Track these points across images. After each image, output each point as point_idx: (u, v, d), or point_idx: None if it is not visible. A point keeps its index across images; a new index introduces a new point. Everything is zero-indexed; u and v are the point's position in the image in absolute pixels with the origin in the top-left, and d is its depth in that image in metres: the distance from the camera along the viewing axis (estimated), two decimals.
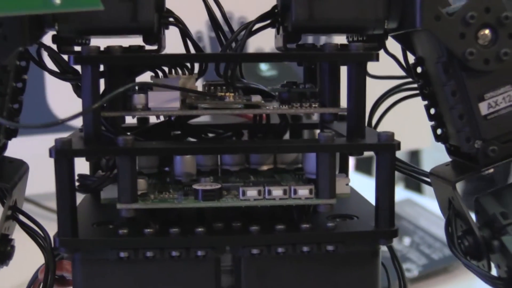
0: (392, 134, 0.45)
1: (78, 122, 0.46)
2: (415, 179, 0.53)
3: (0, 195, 0.48)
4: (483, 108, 0.46)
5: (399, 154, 0.47)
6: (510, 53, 0.45)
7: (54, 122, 0.40)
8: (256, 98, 0.47)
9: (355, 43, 0.45)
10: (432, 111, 0.50)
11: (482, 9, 0.45)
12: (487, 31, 0.45)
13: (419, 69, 0.50)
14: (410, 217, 1.21)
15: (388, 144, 0.45)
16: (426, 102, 0.51)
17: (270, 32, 0.52)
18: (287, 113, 0.49)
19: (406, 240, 1.16)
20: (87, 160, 0.46)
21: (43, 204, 1.06)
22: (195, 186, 0.45)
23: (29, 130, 0.99)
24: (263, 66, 0.74)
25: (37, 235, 0.48)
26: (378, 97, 0.56)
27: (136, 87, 0.47)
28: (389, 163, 0.45)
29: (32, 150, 0.60)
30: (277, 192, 0.45)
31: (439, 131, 0.51)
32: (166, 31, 0.50)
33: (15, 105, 0.47)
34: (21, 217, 0.49)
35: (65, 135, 0.45)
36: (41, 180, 0.66)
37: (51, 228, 0.45)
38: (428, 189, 0.52)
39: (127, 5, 0.45)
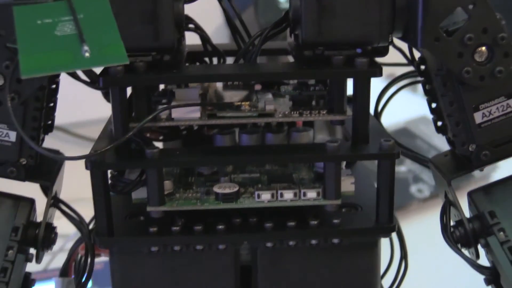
0: (393, 144, 0.49)
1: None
2: (418, 163, 0.58)
3: (43, 188, 0.55)
4: (478, 117, 0.50)
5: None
6: (504, 71, 0.49)
7: (89, 155, 0.46)
8: (270, 107, 0.51)
9: (360, 59, 0.49)
10: (433, 105, 0.55)
11: (480, 30, 0.48)
12: (483, 48, 0.49)
13: (422, 67, 0.54)
14: (424, 135, 1.24)
15: (389, 154, 0.49)
16: (427, 97, 0.55)
17: None
18: (298, 121, 0.53)
19: None
20: None
21: (73, 131, 1.13)
22: (216, 189, 0.51)
23: None
24: None
25: (75, 220, 0.54)
26: (386, 84, 0.59)
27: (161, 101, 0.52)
28: (390, 169, 0.50)
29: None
30: (288, 195, 0.50)
31: (439, 123, 0.55)
32: None
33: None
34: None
35: None
36: (69, 110, 0.72)
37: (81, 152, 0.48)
38: None
39: (148, 27, 0.49)
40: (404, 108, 1.07)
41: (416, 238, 0.70)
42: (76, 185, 0.65)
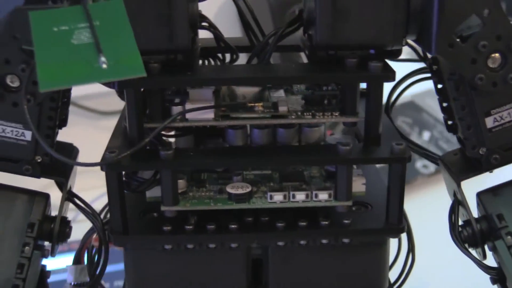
0: (404, 148, 0.50)
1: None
2: (428, 160, 0.59)
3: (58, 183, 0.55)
4: (489, 122, 0.51)
5: None
6: None
7: (99, 163, 0.46)
8: (283, 108, 0.52)
9: (374, 63, 0.49)
10: (444, 104, 0.55)
11: (494, 37, 0.48)
12: (497, 55, 0.49)
13: (434, 67, 0.54)
14: (431, 109, 1.24)
15: (400, 158, 0.50)
16: (439, 96, 0.55)
17: None
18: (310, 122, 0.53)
19: (426, 135, 1.21)
20: None
21: (80, 103, 1.13)
22: (229, 189, 0.52)
23: None
24: None
25: (89, 214, 0.55)
26: (398, 80, 0.60)
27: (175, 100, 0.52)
28: (401, 173, 0.51)
29: None
30: (300, 196, 0.51)
31: (449, 122, 0.55)
32: None
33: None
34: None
35: None
36: None
37: (92, 126, 0.49)
38: None
39: (163, 29, 0.49)
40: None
41: (421, 214, 0.70)
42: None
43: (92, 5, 0.46)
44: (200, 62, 0.57)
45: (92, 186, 0.73)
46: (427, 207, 0.88)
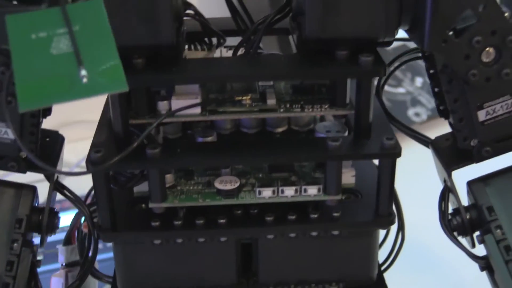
0: (395, 143, 0.49)
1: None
2: (418, 142, 0.58)
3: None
4: (481, 115, 0.50)
5: None
6: (511, 73, 0.48)
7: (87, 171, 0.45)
8: (272, 101, 0.51)
9: (365, 58, 0.48)
10: (436, 90, 0.54)
11: (488, 32, 0.47)
12: (491, 49, 0.47)
13: (426, 53, 0.53)
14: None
15: (391, 153, 0.49)
16: (431, 81, 0.54)
17: None
18: (299, 116, 0.52)
19: (418, 81, 1.20)
20: None
21: None
22: (217, 185, 0.51)
23: None
24: None
25: (77, 203, 0.55)
26: (390, 60, 0.58)
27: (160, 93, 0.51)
28: (391, 167, 0.50)
29: None
30: (289, 191, 0.51)
31: (441, 107, 0.54)
32: None
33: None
34: None
35: None
36: None
37: None
38: None
39: (147, 25, 0.47)
40: None
41: (411, 162, 0.69)
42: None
43: (71, 6, 0.44)
44: (186, 46, 0.56)
45: None
46: (419, 154, 0.87)
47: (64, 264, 0.62)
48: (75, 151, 0.53)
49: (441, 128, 0.57)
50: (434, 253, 0.87)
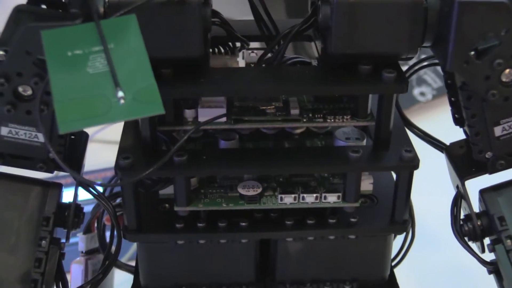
0: (414, 155, 0.51)
1: None
2: (434, 147, 0.60)
3: None
4: (498, 131, 0.52)
5: None
6: None
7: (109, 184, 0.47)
8: (295, 112, 0.52)
9: (387, 74, 0.49)
10: (453, 99, 0.55)
11: (510, 55, 0.48)
12: (510, 70, 0.49)
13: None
14: None
15: (409, 166, 0.51)
16: (448, 91, 0.55)
17: None
18: (322, 126, 0.54)
19: None
20: None
21: None
22: (240, 190, 0.53)
23: None
24: None
25: (101, 199, 0.57)
26: (409, 66, 0.60)
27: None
28: (409, 178, 0.52)
29: None
30: (310, 198, 0.53)
31: (457, 116, 0.56)
32: None
33: None
34: None
35: None
36: None
37: None
38: None
39: (177, 39, 0.48)
40: None
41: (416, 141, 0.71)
42: None
43: (105, 22, 0.45)
44: (211, 50, 0.57)
45: None
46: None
47: (84, 251, 0.65)
48: None
49: (446, 107, 0.57)
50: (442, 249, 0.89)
